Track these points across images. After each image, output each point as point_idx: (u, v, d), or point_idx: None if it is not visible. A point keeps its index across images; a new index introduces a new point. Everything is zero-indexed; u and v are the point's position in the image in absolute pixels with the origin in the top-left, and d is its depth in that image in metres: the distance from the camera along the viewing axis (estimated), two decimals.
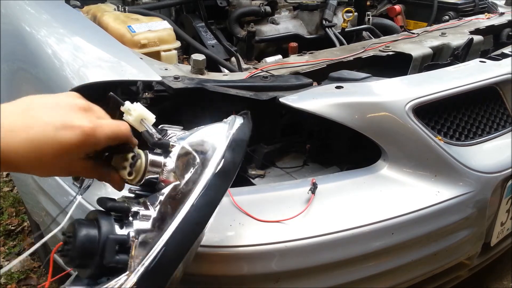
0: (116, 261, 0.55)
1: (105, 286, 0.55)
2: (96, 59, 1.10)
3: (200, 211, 0.58)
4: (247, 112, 0.73)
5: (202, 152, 0.64)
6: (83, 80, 1.01)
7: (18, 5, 1.37)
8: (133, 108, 0.65)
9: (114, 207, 0.61)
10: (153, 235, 0.57)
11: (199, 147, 0.65)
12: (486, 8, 2.23)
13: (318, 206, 1.01)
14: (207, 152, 0.64)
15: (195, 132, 0.69)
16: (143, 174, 0.63)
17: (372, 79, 1.22)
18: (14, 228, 2.11)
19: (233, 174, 0.62)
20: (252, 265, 0.95)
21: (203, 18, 1.77)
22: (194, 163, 0.63)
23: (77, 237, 0.56)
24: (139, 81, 1.06)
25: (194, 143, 0.66)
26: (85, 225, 0.58)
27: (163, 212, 0.59)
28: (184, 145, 0.66)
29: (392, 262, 1.07)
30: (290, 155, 1.32)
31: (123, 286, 0.53)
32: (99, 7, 1.61)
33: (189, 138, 0.67)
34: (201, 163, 0.63)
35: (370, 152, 1.14)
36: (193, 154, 0.64)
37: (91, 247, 0.56)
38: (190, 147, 0.65)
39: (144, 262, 0.54)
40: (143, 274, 0.54)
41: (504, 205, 1.26)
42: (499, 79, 1.28)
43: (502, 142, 1.27)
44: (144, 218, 0.59)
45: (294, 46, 1.79)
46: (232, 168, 0.62)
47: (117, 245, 0.56)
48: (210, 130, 0.69)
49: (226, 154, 0.63)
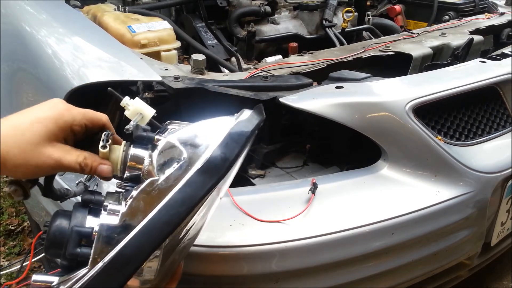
0: (77, 254, 0.55)
1: (63, 278, 0.54)
2: (96, 59, 1.10)
3: (171, 210, 0.53)
4: (260, 105, 0.68)
5: (193, 147, 0.60)
6: (83, 80, 1.01)
7: (18, 5, 1.37)
8: (131, 103, 0.65)
9: (89, 199, 0.60)
10: (119, 231, 0.53)
11: (191, 141, 0.61)
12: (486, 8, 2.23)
13: (318, 206, 1.01)
14: (199, 147, 0.59)
15: (192, 126, 0.66)
16: (122, 166, 0.62)
17: (372, 79, 1.22)
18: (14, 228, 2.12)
19: (223, 171, 0.57)
20: (252, 265, 0.95)
21: (203, 18, 1.77)
22: (179, 158, 0.59)
23: (50, 227, 0.57)
24: (139, 81, 1.06)
25: (184, 138, 0.62)
26: (60, 216, 0.58)
27: (134, 207, 0.55)
28: (169, 140, 0.62)
29: (392, 262, 1.07)
30: (290, 155, 1.32)
31: (81, 281, 0.51)
32: (99, 7, 1.61)
33: (180, 132, 0.63)
34: (188, 159, 0.58)
35: (370, 152, 1.14)
36: (179, 149, 0.60)
37: (61, 238, 0.56)
38: (178, 142, 0.61)
39: (105, 258, 0.52)
40: (100, 271, 0.51)
41: (504, 205, 1.26)
42: (499, 79, 1.28)
43: (502, 142, 1.27)
44: (112, 213, 0.55)
45: (294, 46, 1.79)
46: (220, 164, 0.57)
47: (82, 238, 0.55)
48: (212, 124, 0.65)
49: (215, 149, 0.58)
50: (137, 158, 0.62)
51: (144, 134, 0.63)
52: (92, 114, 0.63)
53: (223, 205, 0.99)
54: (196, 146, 0.60)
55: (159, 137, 0.63)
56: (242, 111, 0.66)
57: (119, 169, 0.62)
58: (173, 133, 0.64)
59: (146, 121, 0.66)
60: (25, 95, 1.29)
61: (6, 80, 1.34)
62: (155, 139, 0.62)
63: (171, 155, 0.60)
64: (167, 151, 0.61)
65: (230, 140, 0.59)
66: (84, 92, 1.02)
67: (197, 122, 0.66)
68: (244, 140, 0.60)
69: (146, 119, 0.66)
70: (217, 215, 0.98)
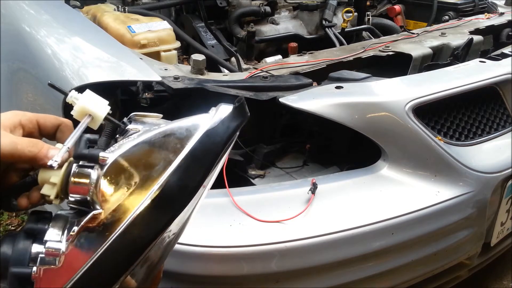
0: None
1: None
2: (96, 59, 1.10)
3: (117, 254, 0.44)
4: (242, 101, 0.52)
5: (147, 167, 0.47)
6: (83, 81, 1.01)
7: (18, 5, 1.37)
8: (79, 97, 0.52)
9: (32, 229, 0.47)
10: (60, 273, 0.44)
11: (145, 159, 0.47)
12: (486, 8, 2.23)
13: (318, 206, 1.01)
14: (155, 168, 0.46)
15: (151, 134, 0.49)
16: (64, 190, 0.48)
17: (372, 79, 1.22)
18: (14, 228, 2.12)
19: (181, 202, 0.46)
20: (252, 265, 0.95)
21: (203, 18, 1.77)
22: (129, 183, 0.46)
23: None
24: (139, 81, 1.06)
25: (136, 154, 0.48)
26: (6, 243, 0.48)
27: (75, 247, 0.45)
28: (117, 159, 0.47)
29: (392, 262, 1.07)
30: (290, 155, 1.32)
31: None
32: (99, 7, 1.61)
33: (133, 146, 0.48)
34: (140, 184, 0.46)
35: (370, 152, 1.14)
36: (129, 171, 0.47)
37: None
38: (128, 161, 0.47)
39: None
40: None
41: (504, 205, 1.26)
42: (499, 79, 1.28)
43: (502, 142, 1.27)
44: (50, 252, 0.45)
45: (294, 46, 1.79)
46: (176, 195, 0.46)
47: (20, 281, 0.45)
48: (178, 129, 0.49)
49: (171, 174, 0.45)
50: (79, 182, 0.47)
51: (85, 152, 0.47)
52: (47, 115, 0.55)
53: (223, 205, 0.99)
54: (150, 166, 0.47)
55: (105, 154, 0.47)
56: (219, 106, 0.52)
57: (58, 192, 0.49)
58: (126, 145, 0.49)
59: (98, 123, 0.53)
60: (25, 95, 1.29)
61: (6, 80, 1.34)
62: (100, 158, 0.47)
63: (119, 179, 0.47)
64: (114, 174, 0.47)
65: (192, 161, 0.47)
66: None
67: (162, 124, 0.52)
68: (211, 158, 0.48)
69: (98, 121, 0.52)
70: (217, 215, 0.99)
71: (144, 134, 0.49)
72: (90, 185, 0.46)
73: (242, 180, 1.18)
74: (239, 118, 0.51)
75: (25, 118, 0.54)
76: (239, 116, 0.51)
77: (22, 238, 0.47)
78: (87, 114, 0.51)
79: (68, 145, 0.49)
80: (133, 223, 0.45)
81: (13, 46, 1.30)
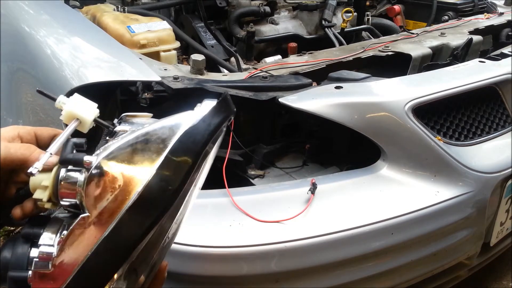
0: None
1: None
2: (96, 59, 1.10)
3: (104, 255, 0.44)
4: (226, 94, 0.52)
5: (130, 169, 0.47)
6: (82, 81, 1.01)
7: (17, 5, 1.37)
8: (66, 101, 0.52)
9: (28, 234, 0.48)
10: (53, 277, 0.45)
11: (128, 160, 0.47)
12: (485, 8, 2.23)
13: (317, 206, 1.01)
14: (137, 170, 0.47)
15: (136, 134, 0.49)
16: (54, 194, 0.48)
17: (372, 79, 1.22)
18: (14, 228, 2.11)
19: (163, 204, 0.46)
20: (252, 265, 0.95)
21: (203, 18, 1.77)
22: (113, 187, 0.46)
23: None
24: (138, 82, 1.06)
25: (121, 155, 0.48)
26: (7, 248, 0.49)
27: (66, 251, 0.46)
28: (101, 162, 0.47)
29: (392, 262, 1.07)
30: (289, 155, 1.32)
31: None
32: (98, 7, 1.61)
33: (117, 148, 0.48)
34: (124, 188, 0.46)
35: (370, 152, 1.14)
36: (112, 173, 0.47)
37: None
38: (111, 163, 0.47)
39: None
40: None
41: (504, 205, 1.26)
42: (499, 79, 1.28)
43: (502, 142, 1.27)
44: (43, 257, 0.46)
45: (293, 46, 1.79)
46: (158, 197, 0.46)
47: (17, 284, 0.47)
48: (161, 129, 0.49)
49: (153, 175, 0.45)
50: (67, 186, 0.47)
51: (69, 156, 0.48)
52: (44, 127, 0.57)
53: (222, 205, 0.99)
54: (134, 168, 0.47)
55: (89, 158, 0.47)
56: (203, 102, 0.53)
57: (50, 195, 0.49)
58: (110, 147, 0.49)
59: (87, 126, 0.53)
60: (25, 95, 1.29)
61: (5, 81, 1.34)
62: (85, 161, 0.47)
63: (104, 182, 0.47)
64: (99, 177, 0.47)
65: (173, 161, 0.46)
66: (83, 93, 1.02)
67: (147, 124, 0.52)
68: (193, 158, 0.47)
69: (86, 124, 0.53)
70: (216, 215, 0.99)
71: (128, 136, 0.49)
72: (77, 188, 0.47)
73: (241, 180, 1.18)
74: (222, 113, 0.50)
75: (23, 130, 0.56)
76: (222, 111, 0.50)
77: (21, 242, 0.48)
78: (75, 118, 0.52)
79: (51, 150, 0.49)
80: (118, 226, 0.45)
81: (13, 46, 1.30)
